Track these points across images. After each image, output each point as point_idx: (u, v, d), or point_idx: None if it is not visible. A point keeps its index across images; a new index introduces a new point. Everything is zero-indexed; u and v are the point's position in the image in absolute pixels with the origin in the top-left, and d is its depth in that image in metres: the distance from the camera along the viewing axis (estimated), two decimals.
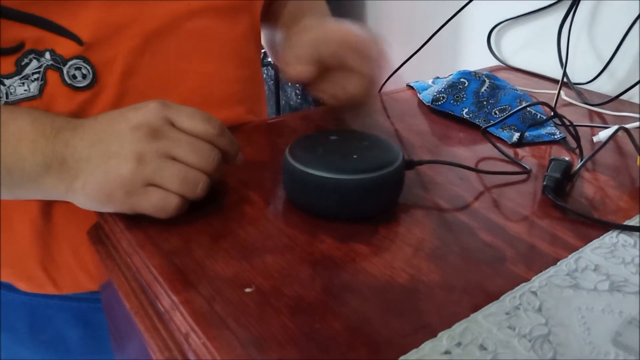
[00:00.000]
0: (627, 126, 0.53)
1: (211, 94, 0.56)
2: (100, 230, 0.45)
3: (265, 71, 1.57)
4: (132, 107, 0.42)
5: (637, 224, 0.42)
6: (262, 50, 0.74)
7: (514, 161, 0.53)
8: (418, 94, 0.72)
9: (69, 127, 0.42)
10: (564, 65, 0.76)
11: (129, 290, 0.39)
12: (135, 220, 0.41)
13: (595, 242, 0.40)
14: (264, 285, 0.34)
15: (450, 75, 0.70)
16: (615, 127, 0.52)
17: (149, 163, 0.39)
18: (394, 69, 0.77)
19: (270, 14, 0.69)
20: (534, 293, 0.34)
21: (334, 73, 0.54)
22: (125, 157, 0.39)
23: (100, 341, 0.63)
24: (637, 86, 0.69)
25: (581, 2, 0.76)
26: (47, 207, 0.52)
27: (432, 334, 0.31)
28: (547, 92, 0.74)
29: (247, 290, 0.34)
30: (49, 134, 0.41)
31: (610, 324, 0.32)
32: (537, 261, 0.38)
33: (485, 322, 0.32)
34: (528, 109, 0.61)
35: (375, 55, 0.54)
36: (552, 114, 0.59)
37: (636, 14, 0.69)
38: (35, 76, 0.46)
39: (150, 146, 0.39)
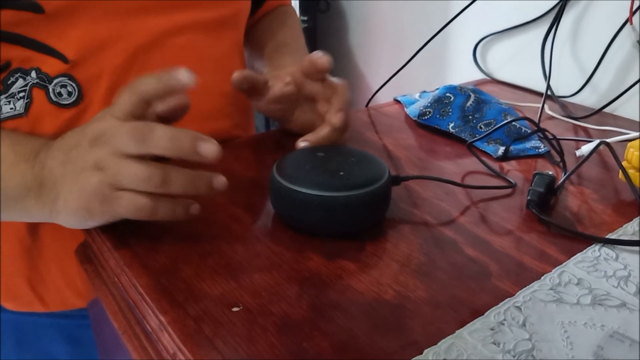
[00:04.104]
0: (608, 140, 0.54)
1: (197, 108, 0.56)
2: (88, 249, 0.45)
3: None
4: (90, 121, 0.41)
5: (620, 237, 0.43)
6: None
7: (499, 175, 0.54)
8: (405, 108, 0.73)
9: (44, 149, 0.42)
10: (547, 78, 0.77)
11: (117, 309, 0.39)
12: (123, 240, 0.41)
13: (578, 256, 0.40)
14: (251, 304, 0.35)
15: (436, 89, 0.71)
16: (597, 141, 0.53)
17: (107, 168, 0.38)
18: (381, 84, 0.78)
19: (252, 40, 0.70)
20: (518, 308, 0.35)
21: (306, 107, 0.57)
22: (89, 169, 0.39)
23: (88, 358, 0.63)
24: (620, 99, 0.70)
25: (564, 16, 0.77)
26: (35, 226, 0.52)
27: (419, 350, 0.31)
28: (532, 106, 0.75)
29: (235, 309, 0.34)
30: (28, 157, 0.41)
31: (593, 338, 0.32)
32: (522, 276, 0.38)
33: (470, 338, 0.32)
34: (513, 123, 0.62)
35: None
36: (536, 128, 0.60)
37: (618, 27, 0.71)
38: (21, 94, 0.47)
39: (103, 152, 0.38)
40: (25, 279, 0.56)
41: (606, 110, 0.71)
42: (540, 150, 0.59)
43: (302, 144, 0.51)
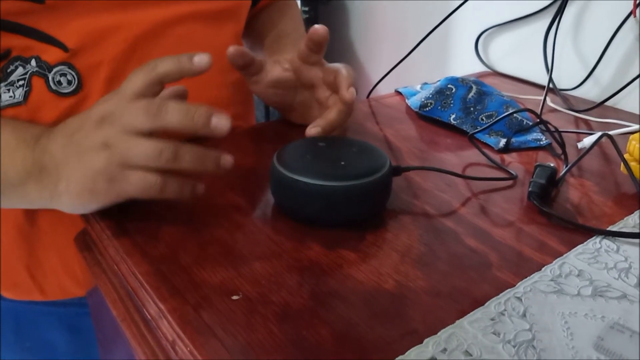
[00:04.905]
0: (610, 132, 0.54)
1: (197, 98, 0.56)
2: (88, 237, 0.45)
3: None
4: (95, 104, 0.41)
5: (621, 230, 0.43)
6: None
7: (500, 167, 0.54)
8: (406, 100, 0.72)
9: (45, 134, 0.42)
10: (549, 71, 0.77)
11: (116, 297, 0.39)
12: (123, 227, 0.41)
13: (579, 248, 0.40)
14: (251, 293, 0.34)
15: (437, 81, 0.71)
16: (599, 133, 0.53)
17: (116, 146, 0.38)
18: (382, 75, 0.78)
19: (253, 31, 0.69)
20: (519, 299, 0.35)
21: (306, 95, 0.57)
22: (94, 149, 0.39)
23: (87, 346, 0.63)
24: (622, 92, 0.70)
25: (567, 9, 0.77)
26: (33, 214, 0.52)
27: (418, 340, 0.31)
28: (534, 98, 0.75)
29: (234, 297, 0.34)
30: (29, 142, 0.41)
31: (593, 329, 0.32)
32: (522, 267, 0.38)
33: (470, 327, 0.32)
34: (514, 115, 0.62)
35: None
36: (537, 120, 0.60)
37: (620, 21, 0.70)
38: (21, 83, 0.46)
39: (112, 130, 0.39)
40: (24, 268, 0.56)
41: (608, 103, 0.71)
42: (541, 143, 0.59)
43: (313, 130, 0.50)
